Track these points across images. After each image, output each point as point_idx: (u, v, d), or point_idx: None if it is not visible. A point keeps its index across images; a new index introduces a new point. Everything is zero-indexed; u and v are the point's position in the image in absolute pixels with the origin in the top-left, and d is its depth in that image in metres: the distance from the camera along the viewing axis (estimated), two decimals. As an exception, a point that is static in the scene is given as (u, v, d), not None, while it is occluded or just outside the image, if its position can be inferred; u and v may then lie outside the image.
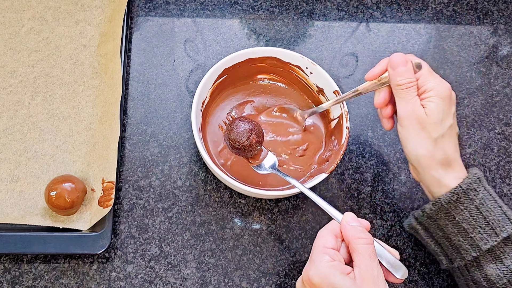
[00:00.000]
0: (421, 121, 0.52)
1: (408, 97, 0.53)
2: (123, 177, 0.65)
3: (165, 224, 0.63)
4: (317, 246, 0.49)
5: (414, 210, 0.62)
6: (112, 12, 0.72)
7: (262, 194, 0.58)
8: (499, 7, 0.80)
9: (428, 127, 0.52)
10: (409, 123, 0.53)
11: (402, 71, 0.53)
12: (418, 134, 0.53)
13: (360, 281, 0.45)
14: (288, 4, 0.78)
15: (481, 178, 0.53)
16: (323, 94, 0.65)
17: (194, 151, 0.67)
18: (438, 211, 0.54)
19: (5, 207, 0.61)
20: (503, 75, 0.75)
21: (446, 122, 0.53)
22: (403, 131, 0.54)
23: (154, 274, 0.60)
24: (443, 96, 0.53)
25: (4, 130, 0.65)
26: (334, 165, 0.59)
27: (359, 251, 0.47)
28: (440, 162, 0.53)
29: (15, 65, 0.68)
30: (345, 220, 0.49)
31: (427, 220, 0.56)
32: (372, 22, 0.78)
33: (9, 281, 0.59)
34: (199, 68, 0.72)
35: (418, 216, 0.57)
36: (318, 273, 0.46)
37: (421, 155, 0.53)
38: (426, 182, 0.55)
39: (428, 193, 0.57)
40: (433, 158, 0.53)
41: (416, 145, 0.53)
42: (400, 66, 0.53)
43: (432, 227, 0.56)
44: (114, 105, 0.65)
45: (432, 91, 0.53)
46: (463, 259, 0.54)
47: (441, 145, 0.53)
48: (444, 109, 0.53)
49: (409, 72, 0.53)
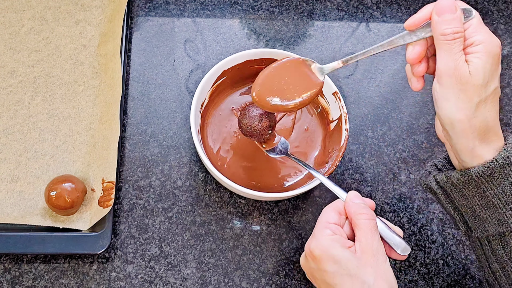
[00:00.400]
0: (463, 81, 0.45)
1: (453, 50, 0.45)
2: (123, 177, 0.65)
3: (165, 224, 0.63)
4: (320, 221, 0.50)
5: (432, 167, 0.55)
6: (112, 12, 0.72)
7: (260, 196, 0.58)
8: (499, 7, 0.80)
9: (470, 89, 0.45)
10: (449, 81, 0.45)
11: (450, 19, 0.45)
12: (457, 96, 0.45)
13: (360, 254, 0.46)
14: (288, 4, 0.78)
15: None
16: (322, 96, 0.65)
17: (194, 151, 0.67)
18: (467, 182, 0.48)
19: (5, 207, 0.61)
20: (503, 75, 0.75)
21: (491, 84, 0.46)
22: (441, 90, 0.46)
23: (154, 274, 0.60)
24: (493, 53, 0.45)
25: (4, 130, 0.65)
26: (334, 167, 0.59)
27: (360, 226, 0.48)
28: (477, 130, 0.46)
29: (15, 65, 0.68)
30: (349, 198, 0.51)
31: (450, 187, 0.50)
32: (372, 22, 0.78)
33: (9, 281, 0.59)
34: (199, 68, 0.72)
35: (440, 180, 0.51)
36: (319, 245, 0.47)
37: (457, 119, 0.46)
38: (458, 150, 0.48)
39: (454, 160, 0.51)
40: (471, 125, 0.46)
41: (453, 109, 0.46)
42: (448, 13, 0.45)
43: (454, 194, 0.50)
44: (114, 105, 0.65)
45: (480, 45, 0.45)
46: (486, 231, 0.50)
47: (482, 111, 0.46)
48: (491, 68, 0.45)
49: (457, 20, 0.45)
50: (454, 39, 0.45)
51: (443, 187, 0.51)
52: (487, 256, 0.52)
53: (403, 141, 0.70)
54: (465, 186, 0.49)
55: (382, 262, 0.47)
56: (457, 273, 0.63)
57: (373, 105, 0.72)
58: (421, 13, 0.47)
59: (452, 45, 0.45)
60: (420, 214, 0.66)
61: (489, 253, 0.51)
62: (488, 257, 0.52)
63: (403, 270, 0.63)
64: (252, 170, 0.64)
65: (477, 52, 0.45)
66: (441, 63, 0.46)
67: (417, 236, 0.65)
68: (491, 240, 0.50)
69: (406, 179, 0.68)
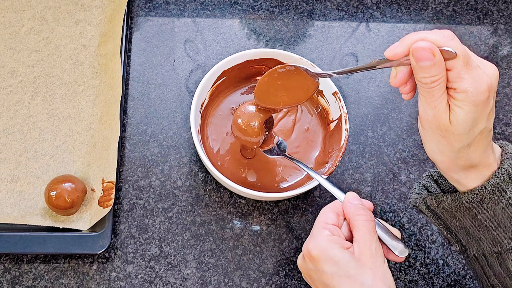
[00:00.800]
0: (443, 129, 0.42)
1: (431, 98, 0.42)
2: (123, 177, 0.65)
3: (165, 224, 0.63)
4: (318, 222, 0.50)
5: (420, 188, 0.53)
6: (112, 12, 0.72)
7: (260, 196, 0.58)
8: (499, 7, 0.80)
9: (450, 137, 0.43)
10: (429, 127, 0.43)
11: (427, 67, 0.40)
12: (438, 141, 0.44)
13: (358, 255, 0.46)
14: (288, 4, 0.78)
15: (511, 175, 0.45)
16: (322, 96, 0.65)
17: (194, 151, 0.67)
18: (457, 207, 0.47)
19: (5, 207, 0.61)
20: (503, 75, 0.75)
21: (475, 130, 0.42)
22: (423, 132, 0.45)
23: (154, 274, 0.60)
24: (477, 101, 0.40)
25: (4, 130, 0.65)
26: (334, 167, 0.59)
27: (359, 227, 0.48)
28: (461, 168, 0.45)
29: (15, 65, 0.68)
30: (347, 199, 0.51)
31: (441, 210, 0.49)
32: (372, 22, 0.78)
33: (9, 281, 0.59)
34: (199, 68, 0.72)
35: (430, 204, 0.50)
36: (317, 246, 0.47)
37: (439, 160, 0.45)
38: (446, 177, 0.48)
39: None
40: (454, 164, 0.45)
41: (435, 150, 0.45)
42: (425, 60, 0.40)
43: (446, 216, 0.50)
44: (114, 105, 0.65)
45: (463, 94, 0.40)
46: (481, 249, 0.49)
47: (465, 154, 0.44)
48: (474, 117, 0.41)
49: (437, 66, 0.40)
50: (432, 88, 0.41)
51: (434, 211, 0.50)
52: (485, 271, 0.51)
53: (403, 141, 0.70)
54: (456, 210, 0.48)
55: (381, 264, 0.46)
56: (457, 273, 0.63)
57: (373, 105, 0.72)
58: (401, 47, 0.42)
59: (430, 93, 0.42)
60: (420, 214, 0.66)
61: (487, 267, 0.50)
62: (486, 271, 0.51)
63: (403, 270, 0.63)
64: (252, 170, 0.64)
65: (459, 100, 0.41)
66: (421, 108, 0.44)
67: (417, 236, 0.65)
68: (487, 256, 0.49)
69: (406, 179, 0.68)
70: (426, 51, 0.40)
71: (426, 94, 0.42)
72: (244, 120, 0.58)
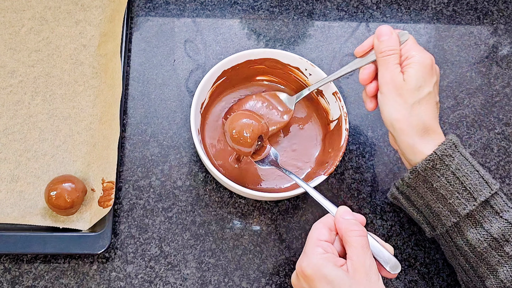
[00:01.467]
0: (398, 87, 0.53)
1: (388, 64, 0.54)
2: (123, 177, 0.65)
3: (165, 224, 0.63)
4: (310, 238, 0.49)
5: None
6: (112, 12, 0.72)
7: (260, 196, 0.58)
8: (499, 7, 0.80)
9: (404, 93, 0.53)
10: (387, 89, 0.54)
11: (386, 39, 0.55)
12: (394, 99, 0.53)
13: (353, 273, 0.46)
14: (288, 4, 0.78)
15: (456, 144, 0.53)
16: (322, 96, 0.65)
17: (194, 151, 0.67)
18: (416, 179, 0.54)
19: (5, 207, 0.61)
20: (503, 75, 0.75)
21: (425, 89, 0.53)
22: (382, 98, 0.55)
23: (154, 274, 0.60)
24: (424, 64, 0.54)
25: (4, 130, 0.65)
26: (333, 167, 0.59)
27: (352, 243, 0.47)
28: (415, 129, 0.53)
29: (15, 65, 0.68)
30: (339, 213, 0.50)
31: (407, 189, 0.56)
32: (372, 22, 0.78)
33: (9, 281, 0.59)
34: (199, 68, 0.72)
35: (398, 185, 0.57)
36: (310, 264, 0.47)
37: (395, 119, 0.53)
38: (402, 149, 0.55)
39: (405, 162, 0.57)
40: (409, 124, 0.53)
41: (391, 110, 0.54)
42: (384, 35, 0.55)
43: (412, 196, 0.56)
44: (114, 105, 0.65)
45: (413, 58, 0.54)
46: (444, 225, 0.54)
47: (417, 111, 0.53)
48: (423, 75, 0.53)
49: (393, 41, 0.55)
50: (389, 54, 0.55)
51: (403, 191, 0.57)
52: (453, 252, 0.55)
53: (403, 141, 0.70)
54: (417, 183, 0.54)
55: (375, 281, 0.46)
56: (457, 273, 0.63)
57: (373, 105, 0.72)
58: (366, 42, 0.58)
59: (388, 59, 0.55)
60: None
61: (453, 247, 0.55)
62: (454, 252, 0.55)
63: (403, 270, 0.63)
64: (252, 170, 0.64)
65: (410, 63, 0.54)
66: (381, 75, 0.55)
67: (417, 236, 0.65)
68: (451, 234, 0.54)
69: (406, 179, 0.68)
70: (387, 28, 0.56)
71: (384, 62, 0.55)
72: (237, 129, 0.58)
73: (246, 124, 0.58)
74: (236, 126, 0.59)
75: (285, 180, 0.64)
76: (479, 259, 0.52)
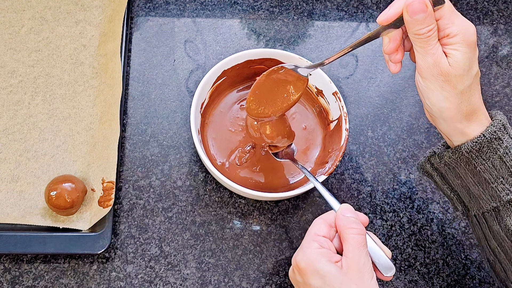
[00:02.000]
0: (445, 73, 0.46)
1: (428, 46, 0.46)
2: (123, 177, 0.65)
3: (165, 224, 0.63)
4: (309, 233, 0.50)
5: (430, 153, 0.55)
6: (112, 12, 0.72)
7: (260, 196, 0.58)
8: (499, 7, 0.80)
9: (453, 80, 0.46)
10: (431, 74, 0.47)
11: (422, 18, 0.44)
12: (442, 87, 0.47)
13: (346, 270, 0.46)
14: (288, 4, 0.78)
15: (506, 125, 0.49)
16: (322, 96, 0.65)
17: (194, 151, 0.67)
18: (458, 159, 0.50)
19: (5, 207, 0.61)
20: (503, 75, 0.75)
21: (473, 71, 0.47)
22: (425, 83, 0.48)
23: (154, 274, 0.60)
24: (469, 41, 0.45)
25: (4, 130, 0.65)
26: (333, 167, 0.59)
27: (348, 241, 0.47)
28: (465, 114, 0.48)
29: (15, 65, 0.68)
30: (340, 211, 0.50)
31: (444, 167, 0.52)
32: (372, 22, 0.78)
33: (9, 281, 0.59)
34: (199, 68, 0.72)
35: (434, 162, 0.53)
36: (304, 258, 0.47)
37: (445, 108, 0.48)
38: (448, 132, 0.50)
39: (447, 139, 0.53)
40: (458, 111, 0.48)
41: (440, 98, 0.48)
42: (419, 13, 0.44)
43: (449, 175, 0.53)
44: (114, 105, 0.65)
45: (457, 37, 0.45)
46: (481, 208, 0.51)
47: (467, 96, 0.47)
48: (470, 57, 0.46)
49: (430, 17, 0.45)
50: (428, 37, 0.46)
51: (438, 169, 0.53)
52: (486, 234, 0.53)
53: (403, 141, 0.70)
54: (457, 164, 0.50)
55: (368, 279, 0.46)
56: (457, 273, 0.63)
57: (373, 105, 0.72)
58: (392, 9, 0.46)
59: (427, 42, 0.46)
60: (420, 214, 0.66)
61: (487, 230, 0.52)
62: (487, 234, 0.53)
63: (403, 270, 0.63)
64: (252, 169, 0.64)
65: (454, 43, 0.46)
66: (420, 60, 0.47)
67: (417, 236, 0.65)
68: (487, 217, 0.52)
69: (406, 179, 0.68)
70: (421, 3, 0.44)
71: (423, 44, 0.46)
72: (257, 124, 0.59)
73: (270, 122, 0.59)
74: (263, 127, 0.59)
75: (286, 180, 0.64)
76: None
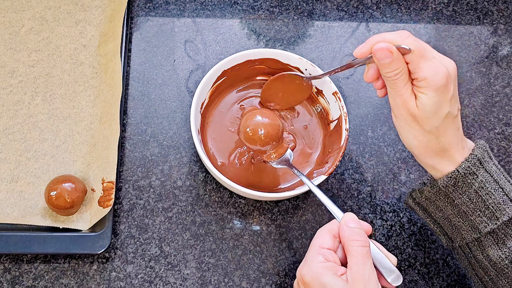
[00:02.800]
0: (412, 113, 0.48)
1: (397, 88, 0.48)
2: (123, 177, 0.65)
3: (165, 224, 0.63)
4: (313, 245, 0.49)
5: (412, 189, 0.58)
6: (112, 12, 0.72)
7: (260, 196, 0.58)
8: (499, 7, 0.80)
9: (420, 121, 0.48)
10: (400, 114, 0.50)
11: (387, 64, 0.47)
12: (410, 125, 0.50)
13: (351, 283, 0.45)
14: (288, 4, 0.78)
15: (482, 160, 0.50)
16: (322, 96, 0.65)
17: (194, 151, 0.67)
18: (437, 193, 0.52)
19: (5, 207, 0.61)
20: (503, 75, 0.75)
21: (440, 113, 0.48)
22: (396, 121, 0.51)
23: (154, 274, 0.60)
24: (437, 86, 0.47)
25: (4, 130, 0.65)
26: (333, 167, 0.59)
27: (353, 253, 0.47)
28: (435, 151, 0.50)
29: (15, 65, 0.68)
30: (343, 221, 0.50)
31: (425, 201, 0.54)
32: (372, 22, 0.78)
33: (9, 281, 0.59)
34: (199, 68, 0.72)
35: (416, 197, 0.55)
36: (310, 272, 0.47)
37: (414, 145, 0.51)
38: (423, 165, 0.53)
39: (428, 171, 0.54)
40: (427, 149, 0.50)
41: (409, 137, 0.51)
42: (385, 58, 0.47)
43: (430, 208, 0.54)
44: (114, 105, 0.65)
45: (424, 82, 0.47)
46: (463, 239, 0.53)
47: (435, 136, 0.49)
48: (437, 101, 0.47)
49: (396, 62, 0.47)
50: (396, 79, 0.48)
51: (420, 203, 0.56)
52: (472, 264, 0.54)
53: (403, 141, 0.70)
54: (437, 197, 0.52)
55: None
56: (457, 273, 0.63)
57: (373, 105, 0.72)
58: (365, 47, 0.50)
59: (395, 83, 0.48)
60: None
61: (473, 260, 0.53)
62: (473, 264, 0.54)
63: (403, 270, 0.63)
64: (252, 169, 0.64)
65: (421, 87, 0.48)
66: (391, 98, 0.50)
67: (417, 236, 0.65)
68: (471, 247, 0.53)
69: (406, 179, 0.68)
70: (385, 50, 0.47)
71: (392, 85, 0.49)
72: (251, 128, 0.58)
73: (263, 124, 0.58)
74: (250, 124, 0.59)
75: (286, 180, 0.64)
76: (500, 273, 0.51)
